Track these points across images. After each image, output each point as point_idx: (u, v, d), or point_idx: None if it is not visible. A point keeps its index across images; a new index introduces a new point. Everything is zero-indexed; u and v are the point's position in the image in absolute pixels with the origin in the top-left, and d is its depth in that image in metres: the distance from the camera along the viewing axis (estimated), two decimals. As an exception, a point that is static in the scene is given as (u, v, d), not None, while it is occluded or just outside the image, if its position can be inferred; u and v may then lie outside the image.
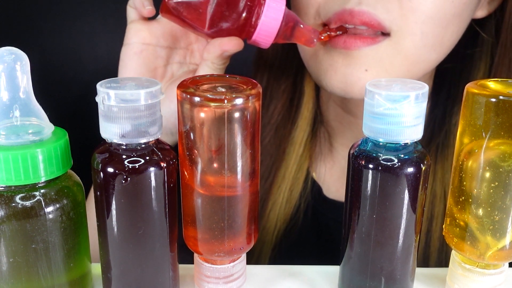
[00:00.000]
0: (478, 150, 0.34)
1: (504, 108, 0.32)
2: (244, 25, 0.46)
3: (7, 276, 0.32)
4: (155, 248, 0.33)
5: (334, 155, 0.64)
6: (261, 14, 0.46)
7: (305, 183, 0.63)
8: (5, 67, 0.32)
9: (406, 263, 0.35)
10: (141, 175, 0.31)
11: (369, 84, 0.33)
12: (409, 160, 0.33)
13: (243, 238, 0.35)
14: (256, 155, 0.34)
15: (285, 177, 0.62)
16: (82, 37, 0.77)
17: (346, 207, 0.35)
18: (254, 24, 0.46)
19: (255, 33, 0.47)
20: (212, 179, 0.33)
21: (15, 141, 0.31)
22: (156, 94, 0.31)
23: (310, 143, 0.63)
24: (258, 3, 0.46)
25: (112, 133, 0.31)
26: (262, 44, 0.48)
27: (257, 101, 0.32)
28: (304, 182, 0.62)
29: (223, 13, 0.46)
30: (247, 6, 0.46)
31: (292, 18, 0.48)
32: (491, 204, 0.34)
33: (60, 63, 0.78)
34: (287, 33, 0.48)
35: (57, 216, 0.32)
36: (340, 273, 0.38)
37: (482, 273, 0.36)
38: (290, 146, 0.62)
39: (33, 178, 0.31)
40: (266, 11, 0.46)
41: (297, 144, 0.62)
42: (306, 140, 0.63)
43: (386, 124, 0.32)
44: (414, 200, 0.33)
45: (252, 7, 0.46)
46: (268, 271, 0.41)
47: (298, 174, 0.62)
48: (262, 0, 0.46)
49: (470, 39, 0.56)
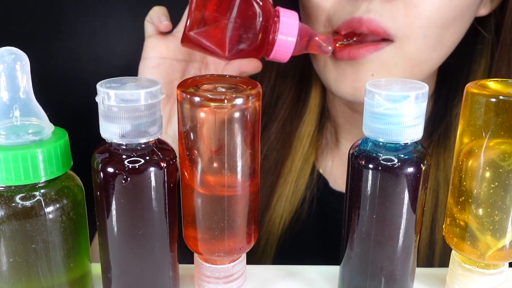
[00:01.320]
0: (478, 150, 0.34)
1: (504, 108, 0.32)
2: (261, 44, 0.48)
3: (7, 276, 0.32)
4: (155, 248, 0.33)
5: (341, 149, 0.65)
6: (277, 32, 0.47)
7: (311, 176, 0.64)
8: (5, 67, 0.32)
9: (406, 263, 0.35)
10: (141, 175, 0.31)
11: (369, 84, 0.33)
12: (409, 160, 0.33)
13: (243, 238, 0.35)
14: (256, 155, 0.34)
15: (291, 170, 0.64)
16: (82, 37, 0.77)
17: (346, 207, 0.35)
18: (271, 41, 0.48)
19: (273, 51, 0.48)
20: (212, 179, 0.33)
21: (15, 141, 0.31)
22: (156, 94, 0.31)
23: (317, 137, 0.65)
24: (273, 22, 0.47)
25: (112, 133, 0.31)
26: (281, 60, 0.50)
27: (257, 101, 0.32)
28: (310, 175, 0.64)
29: (241, 35, 0.47)
30: (263, 26, 0.47)
31: (306, 31, 0.49)
32: (491, 204, 0.34)
33: (60, 63, 0.78)
34: (303, 45, 0.50)
35: (57, 216, 0.32)
36: (340, 273, 0.38)
37: (482, 273, 0.36)
38: (297, 140, 0.64)
39: (33, 178, 0.31)
40: (281, 29, 0.47)
41: (304, 138, 0.64)
42: (312, 135, 0.64)
43: (386, 124, 0.32)
44: (414, 200, 0.33)
45: (268, 26, 0.47)
46: (268, 271, 0.41)
47: (304, 167, 0.64)
48: (276, 18, 0.47)
49: (472, 36, 0.57)
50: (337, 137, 0.65)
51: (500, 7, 0.55)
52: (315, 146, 0.65)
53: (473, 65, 0.59)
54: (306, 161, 0.64)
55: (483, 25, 0.57)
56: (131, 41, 0.75)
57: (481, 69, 0.58)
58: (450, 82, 0.60)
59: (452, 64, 0.58)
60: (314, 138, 0.65)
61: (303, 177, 0.64)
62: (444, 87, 0.60)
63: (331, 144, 0.66)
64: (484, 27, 0.58)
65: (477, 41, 0.58)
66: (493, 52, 0.58)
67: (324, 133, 0.66)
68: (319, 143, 0.66)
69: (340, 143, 0.65)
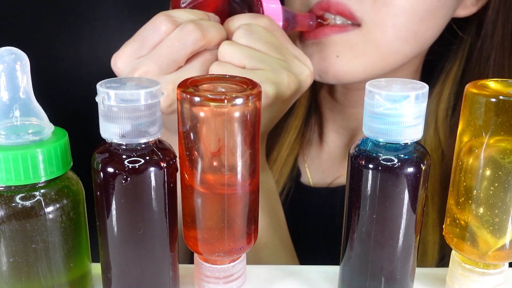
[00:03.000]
0: (478, 150, 0.34)
1: (504, 108, 0.32)
2: None
3: (7, 276, 0.32)
4: (155, 248, 0.33)
5: (324, 140, 0.68)
6: None
7: (293, 166, 0.67)
8: (5, 67, 0.32)
9: (406, 263, 0.35)
10: (141, 175, 0.31)
11: (369, 84, 0.33)
12: (409, 160, 0.33)
13: (243, 238, 0.35)
14: (256, 154, 0.33)
15: (277, 160, 0.66)
16: (82, 37, 0.77)
17: (346, 207, 0.35)
18: None
19: None
20: (212, 179, 0.33)
21: (15, 141, 0.31)
22: (156, 94, 0.31)
23: (304, 129, 0.67)
24: (256, 9, 0.48)
25: (112, 133, 0.31)
26: None
27: (257, 100, 0.32)
28: (293, 165, 0.67)
29: None
30: None
31: (288, 12, 0.51)
32: (491, 204, 0.34)
33: (60, 63, 0.78)
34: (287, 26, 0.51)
35: (57, 216, 0.32)
36: (340, 273, 0.38)
37: (482, 273, 0.36)
38: (284, 132, 0.66)
39: (33, 178, 0.31)
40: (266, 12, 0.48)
41: (292, 130, 0.66)
42: (300, 127, 0.67)
43: (386, 124, 0.32)
44: (414, 200, 0.33)
45: None
46: (268, 271, 0.41)
47: (289, 158, 0.66)
48: (259, 5, 0.48)
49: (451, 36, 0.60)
50: (321, 128, 0.68)
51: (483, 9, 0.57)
52: (301, 138, 0.67)
53: (447, 64, 0.61)
54: (292, 152, 0.66)
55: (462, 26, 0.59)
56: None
57: (454, 69, 0.60)
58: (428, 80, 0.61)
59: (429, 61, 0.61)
60: (301, 130, 0.67)
61: (286, 168, 0.66)
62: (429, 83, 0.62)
63: (315, 135, 0.68)
64: (464, 28, 0.59)
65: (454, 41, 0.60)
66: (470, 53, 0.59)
67: (311, 124, 0.68)
68: (305, 135, 0.68)
69: (324, 134, 0.67)
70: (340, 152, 0.68)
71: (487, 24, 0.56)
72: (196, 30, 0.42)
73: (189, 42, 0.42)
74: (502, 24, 0.56)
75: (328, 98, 0.65)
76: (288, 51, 0.47)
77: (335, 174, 0.67)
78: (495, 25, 0.56)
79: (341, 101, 0.64)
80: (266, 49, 0.45)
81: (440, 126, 0.61)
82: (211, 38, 0.44)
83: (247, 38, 0.44)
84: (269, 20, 0.46)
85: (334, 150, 0.68)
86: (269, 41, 0.45)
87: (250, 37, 0.44)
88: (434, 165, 0.60)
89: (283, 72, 0.44)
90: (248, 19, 0.46)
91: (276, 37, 0.46)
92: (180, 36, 0.42)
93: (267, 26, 0.46)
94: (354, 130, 0.66)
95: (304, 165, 0.68)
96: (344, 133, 0.67)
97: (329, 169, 0.68)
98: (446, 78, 0.60)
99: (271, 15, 0.48)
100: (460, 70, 0.60)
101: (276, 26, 0.47)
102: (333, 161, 0.68)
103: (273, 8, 0.49)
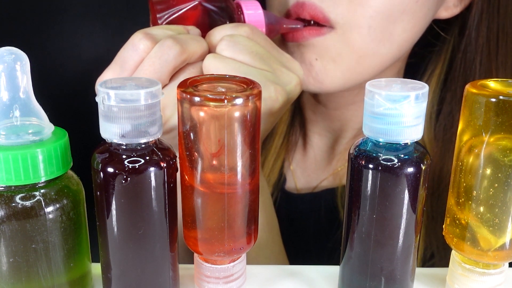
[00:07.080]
0: (478, 149, 0.34)
1: (504, 108, 0.32)
2: None
3: (7, 276, 0.32)
4: (155, 248, 0.33)
5: (308, 143, 0.67)
6: None
7: (280, 172, 0.66)
8: (5, 67, 0.32)
9: (406, 263, 0.35)
10: (141, 175, 0.31)
11: (369, 84, 0.33)
12: (409, 160, 0.33)
13: (243, 238, 0.35)
14: (257, 154, 0.33)
15: (264, 165, 0.66)
16: (82, 37, 0.77)
17: (346, 207, 0.35)
18: None
19: None
20: (212, 178, 0.33)
21: (15, 141, 0.31)
22: (156, 94, 0.31)
23: (289, 134, 0.67)
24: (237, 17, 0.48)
25: (112, 133, 0.31)
26: None
27: (258, 100, 0.32)
28: (280, 170, 0.66)
29: None
30: None
31: (271, 15, 0.50)
32: (491, 204, 0.34)
33: (60, 63, 0.78)
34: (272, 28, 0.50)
35: (57, 216, 0.32)
36: (340, 273, 0.38)
37: (482, 273, 0.36)
38: (270, 137, 0.66)
39: (33, 178, 0.31)
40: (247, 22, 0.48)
41: (277, 135, 0.66)
42: (285, 131, 0.67)
43: (386, 124, 0.32)
44: (414, 200, 0.33)
45: None
46: (268, 271, 0.41)
47: (276, 164, 0.66)
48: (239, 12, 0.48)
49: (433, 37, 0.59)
50: (305, 131, 0.67)
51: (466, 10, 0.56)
52: (287, 143, 0.67)
53: (429, 66, 0.60)
54: (278, 157, 0.66)
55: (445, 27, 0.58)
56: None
57: (437, 72, 0.59)
58: None
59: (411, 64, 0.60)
60: (287, 135, 0.66)
61: (273, 173, 0.66)
62: None
63: (299, 139, 0.68)
64: (446, 29, 0.58)
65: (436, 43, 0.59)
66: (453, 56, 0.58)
67: (295, 128, 0.68)
68: (290, 139, 0.67)
69: (308, 137, 0.67)
70: (324, 155, 0.67)
71: (471, 25, 0.55)
72: (175, 45, 0.42)
73: (170, 58, 0.42)
74: (487, 26, 0.55)
75: (311, 100, 0.65)
76: (274, 60, 0.46)
77: (320, 177, 0.66)
78: (479, 26, 0.55)
79: (324, 102, 0.63)
80: (250, 60, 0.44)
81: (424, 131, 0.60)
82: (192, 51, 0.43)
83: (231, 50, 0.43)
84: (251, 28, 0.45)
85: (318, 153, 0.67)
86: (253, 51, 0.44)
87: (233, 49, 0.43)
88: None
89: (270, 86, 0.43)
90: (230, 30, 0.45)
91: (260, 45, 0.45)
92: (161, 53, 0.41)
93: (249, 35, 0.45)
94: (337, 132, 0.65)
95: (290, 169, 0.67)
96: (328, 135, 0.66)
97: (314, 172, 0.67)
98: (428, 81, 0.59)
99: (253, 22, 0.47)
100: (443, 73, 0.59)
101: (259, 33, 0.46)
102: (317, 164, 0.67)
103: (255, 14, 0.48)
